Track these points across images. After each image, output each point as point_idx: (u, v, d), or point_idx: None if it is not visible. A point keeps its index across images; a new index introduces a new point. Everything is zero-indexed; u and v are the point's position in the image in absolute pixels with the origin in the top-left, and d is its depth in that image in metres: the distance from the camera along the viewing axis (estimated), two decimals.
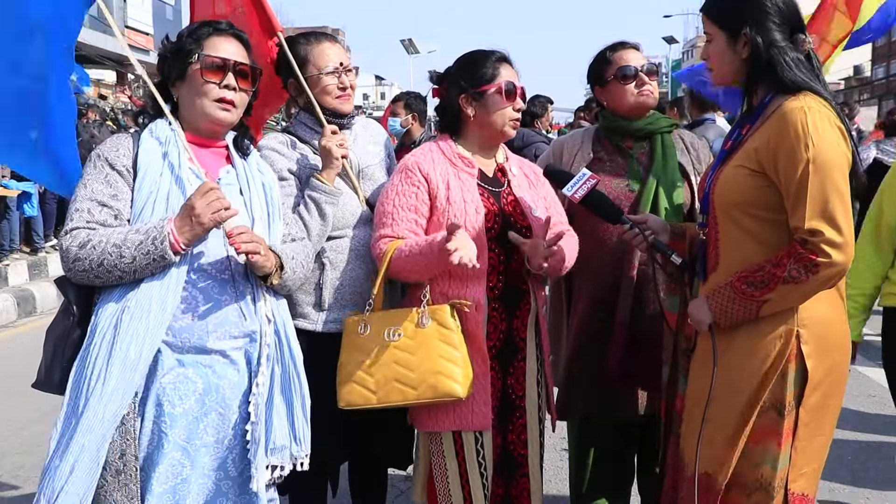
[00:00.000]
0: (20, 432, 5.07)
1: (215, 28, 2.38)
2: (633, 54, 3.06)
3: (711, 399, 2.31)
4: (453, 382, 2.55)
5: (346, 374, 2.62)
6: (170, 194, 2.26)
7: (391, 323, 2.63)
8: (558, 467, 4.25)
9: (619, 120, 3.09)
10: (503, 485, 2.78)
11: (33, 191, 10.55)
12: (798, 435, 2.28)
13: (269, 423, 2.30)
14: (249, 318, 2.29)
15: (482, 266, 2.62)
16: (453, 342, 2.59)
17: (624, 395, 3.02)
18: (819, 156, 2.15)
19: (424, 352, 2.57)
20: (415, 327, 2.60)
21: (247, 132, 2.51)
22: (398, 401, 2.58)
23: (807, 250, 2.16)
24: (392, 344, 2.59)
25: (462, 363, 2.58)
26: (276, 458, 2.33)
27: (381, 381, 2.57)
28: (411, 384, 2.56)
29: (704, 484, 2.34)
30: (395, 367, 2.58)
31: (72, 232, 2.21)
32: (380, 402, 2.58)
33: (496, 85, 2.71)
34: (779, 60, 2.26)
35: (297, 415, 2.38)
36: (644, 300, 2.96)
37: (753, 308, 2.25)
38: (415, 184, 2.70)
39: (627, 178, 3.03)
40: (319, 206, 2.73)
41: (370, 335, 2.62)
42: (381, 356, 2.59)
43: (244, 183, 2.39)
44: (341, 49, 3.00)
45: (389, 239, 2.66)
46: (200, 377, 2.23)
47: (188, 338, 2.22)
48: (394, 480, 3.85)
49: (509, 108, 2.73)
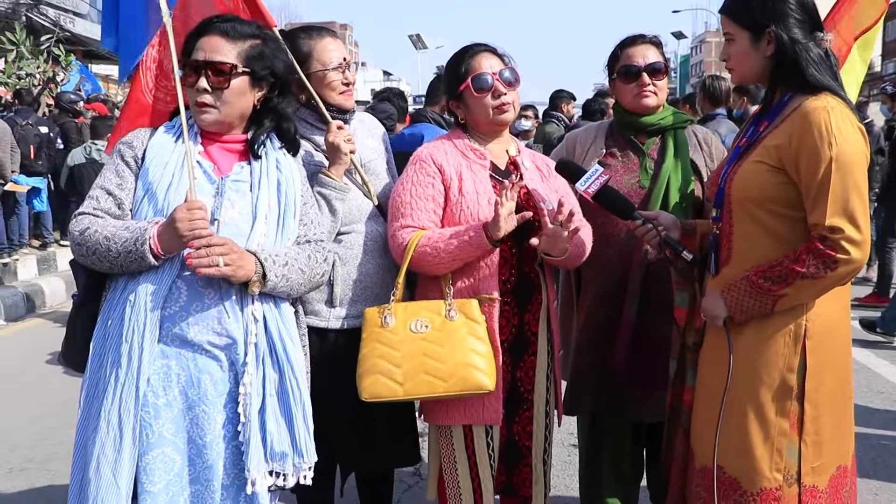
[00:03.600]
0: (30, 426, 5.10)
1: (201, 26, 2.36)
2: (642, 50, 3.00)
3: (728, 392, 2.32)
4: (483, 375, 2.56)
5: (370, 365, 2.59)
6: (170, 187, 2.27)
7: (416, 315, 2.62)
8: (566, 462, 4.25)
9: (629, 115, 3.07)
10: (506, 472, 2.79)
11: (42, 186, 10.61)
12: (806, 429, 2.30)
13: (264, 426, 2.25)
14: (233, 315, 2.24)
15: (495, 259, 2.63)
16: (481, 336, 2.60)
17: (634, 396, 3.01)
18: (841, 155, 2.18)
19: (453, 344, 2.57)
20: (443, 320, 2.60)
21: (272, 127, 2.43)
22: (426, 393, 2.58)
23: (826, 247, 2.18)
24: (420, 335, 2.59)
25: (489, 356, 2.59)
26: (278, 464, 2.28)
27: (410, 372, 2.56)
28: (441, 376, 2.55)
29: (719, 476, 2.35)
30: (424, 358, 2.57)
31: (78, 217, 2.30)
32: (406, 393, 2.58)
33: (466, 83, 2.72)
34: (804, 57, 2.28)
35: (297, 424, 2.30)
36: (651, 297, 2.95)
37: (769, 303, 2.26)
38: (430, 174, 2.71)
39: (639, 175, 3.01)
40: (330, 203, 2.74)
41: (395, 327, 2.61)
42: (408, 348, 2.58)
43: (255, 180, 2.36)
44: (342, 44, 3.00)
45: (411, 229, 2.65)
46: (183, 369, 2.23)
47: (170, 327, 2.22)
48: (401, 475, 3.86)
49: (487, 98, 2.71)
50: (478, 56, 2.75)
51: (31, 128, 10.38)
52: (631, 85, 3.00)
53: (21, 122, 10.25)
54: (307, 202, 2.47)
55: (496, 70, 2.72)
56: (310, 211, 2.46)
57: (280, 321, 2.33)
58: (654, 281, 2.93)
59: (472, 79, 2.71)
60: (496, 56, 2.77)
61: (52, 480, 4.25)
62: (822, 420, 2.32)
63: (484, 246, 2.57)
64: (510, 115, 2.76)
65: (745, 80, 2.47)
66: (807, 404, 2.29)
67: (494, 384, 2.59)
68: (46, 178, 10.78)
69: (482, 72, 2.71)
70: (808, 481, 2.32)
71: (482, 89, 2.70)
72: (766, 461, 2.30)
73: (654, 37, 3.07)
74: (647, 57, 3.00)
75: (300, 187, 2.44)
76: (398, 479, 3.39)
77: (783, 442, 2.30)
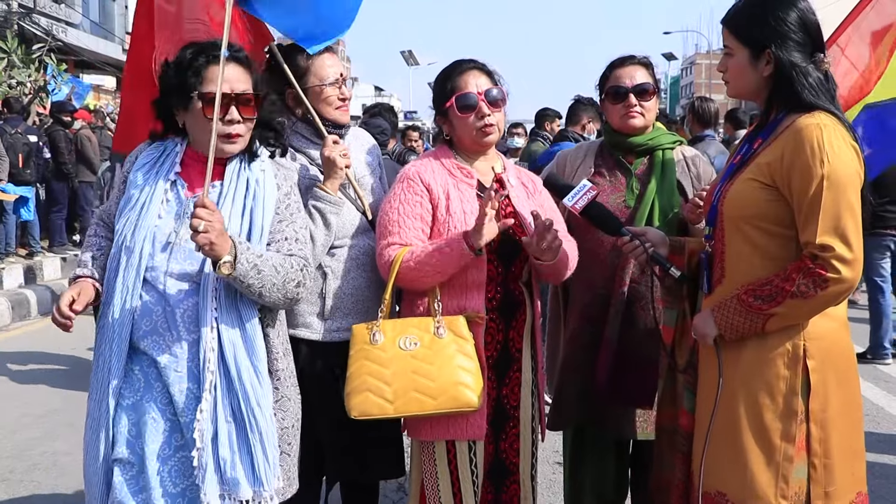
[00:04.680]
0: (12, 436, 5.06)
1: (213, 56, 2.33)
2: (630, 71, 3.02)
3: (716, 414, 2.30)
4: (472, 392, 2.56)
5: (360, 383, 2.57)
6: (144, 206, 2.32)
7: (404, 332, 2.62)
8: (552, 480, 4.25)
9: (618, 135, 3.09)
10: (493, 491, 2.78)
11: (31, 195, 10.58)
12: (813, 451, 2.25)
13: (217, 453, 2.25)
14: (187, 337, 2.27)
15: (481, 277, 2.64)
16: (469, 353, 2.60)
17: (615, 412, 3.01)
18: (834, 172, 2.15)
19: (442, 362, 2.56)
20: (432, 337, 2.59)
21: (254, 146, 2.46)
22: (415, 411, 2.57)
23: (817, 265, 2.16)
24: (409, 353, 2.58)
25: (476, 374, 2.59)
26: (231, 490, 2.26)
27: (400, 390, 2.54)
28: (431, 394, 2.55)
29: (715, 502, 2.32)
30: (413, 376, 2.56)
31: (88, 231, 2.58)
32: (396, 411, 2.57)
33: (450, 101, 2.72)
34: (800, 82, 2.26)
35: (256, 453, 2.28)
36: (635, 317, 2.95)
37: (760, 322, 2.24)
38: (418, 193, 2.71)
39: (625, 194, 3.03)
40: (324, 216, 2.75)
41: (384, 344, 2.60)
42: (398, 365, 2.57)
43: (226, 199, 2.36)
44: (339, 60, 3.02)
45: (398, 246, 2.65)
46: (142, 375, 2.30)
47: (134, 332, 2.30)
48: (385, 490, 3.84)
49: (470, 118, 2.71)
50: (465, 74, 2.74)
51: (20, 136, 10.35)
52: (618, 105, 3.02)
53: (10, 131, 10.23)
54: (284, 220, 2.43)
55: (483, 89, 2.71)
56: (286, 229, 2.42)
57: (242, 346, 2.30)
58: (638, 301, 2.94)
59: (457, 97, 2.71)
60: (485, 74, 2.76)
61: (35, 490, 4.19)
62: (830, 442, 2.25)
63: (466, 255, 2.55)
64: (494, 136, 2.75)
65: (740, 94, 2.45)
66: (812, 426, 2.23)
67: (480, 401, 2.59)
68: (35, 186, 10.74)
69: (468, 91, 2.70)
70: None
71: (466, 109, 2.70)
72: (771, 488, 2.24)
73: (644, 57, 3.08)
74: (635, 78, 3.01)
75: (272, 209, 2.41)
76: (382, 494, 3.38)
77: (789, 468, 2.23)
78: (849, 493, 2.31)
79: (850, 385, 2.35)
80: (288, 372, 2.46)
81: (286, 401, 2.43)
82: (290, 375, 2.47)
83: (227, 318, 2.30)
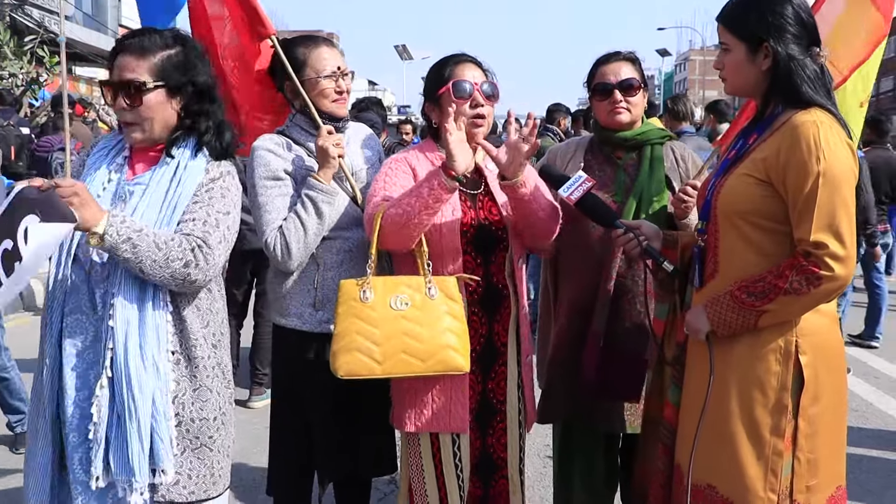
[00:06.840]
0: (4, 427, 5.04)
1: (118, 43, 2.41)
2: (615, 68, 3.02)
3: (706, 409, 2.31)
4: (460, 357, 2.55)
5: (348, 342, 2.51)
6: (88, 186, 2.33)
7: (395, 290, 2.58)
8: (542, 473, 4.26)
9: (606, 131, 3.10)
10: (481, 486, 2.79)
11: None
12: (799, 445, 2.26)
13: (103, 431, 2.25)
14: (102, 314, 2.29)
15: (459, 270, 2.65)
16: (458, 315, 2.58)
17: (603, 406, 3.03)
18: (829, 170, 2.15)
19: (432, 323, 2.54)
20: (423, 297, 2.57)
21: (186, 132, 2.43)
22: (402, 372, 2.55)
23: (810, 262, 2.16)
24: (400, 313, 2.55)
25: (464, 335, 2.58)
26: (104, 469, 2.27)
27: (389, 351, 2.51)
28: (419, 356, 2.53)
29: (704, 495, 2.33)
30: (403, 338, 2.53)
31: None
32: (384, 372, 2.54)
33: (446, 87, 2.72)
34: (799, 74, 2.26)
35: (131, 441, 2.24)
36: (622, 311, 2.96)
37: (752, 318, 2.24)
38: (404, 171, 2.74)
39: (613, 189, 3.04)
40: (316, 205, 2.76)
41: (374, 302, 2.55)
42: (389, 326, 2.53)
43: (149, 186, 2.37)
44: (338, 53, 3.03)
45: (382, 202, 2.63)
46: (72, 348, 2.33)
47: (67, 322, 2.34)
48: (377, 483, 3.85)
49: (464, 106, 2.71)
50: (462, 65, 2.76)
51: (12, 128, 10.32)
52: (605, 102, 3.03)
53: (2, 123, 10.19)
54: (200, 202, 2.37)
55: (478, 81, 2.74)
56: (198, 210, 2.35)
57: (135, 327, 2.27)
58: (625, 295, 2.95)
59: (454, 84, 2.71)
60: (479, 69, 2.78)
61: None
62: (817, 438, 2.28)
63: (444, 185, 2.51)
64: (483, 129, 2.75)
65: (738, 91, 2.44)
66: (801, 421, 2.25)
67: (468, 365, 2.58)
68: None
69: (464, 79, 2.72)
70: (801, 500, 2.27)
71: (462, 96, 2.71)
72: (760, 481, 2.26)
73: (630, 53, 3.09)
74: (620, 74, 3.02)
75: (190, 192, 2.37)
76: (374, 487, 3.39)
77: (778, 462, 2.25)
78: (829, 487, 2.34)
79: (839, 381, 2.37)
80: (212, 362, 2.40)
81: (205, 391, 2.37)
82: (214, 366, 2.40)
83: (126, 296, 2.28)
